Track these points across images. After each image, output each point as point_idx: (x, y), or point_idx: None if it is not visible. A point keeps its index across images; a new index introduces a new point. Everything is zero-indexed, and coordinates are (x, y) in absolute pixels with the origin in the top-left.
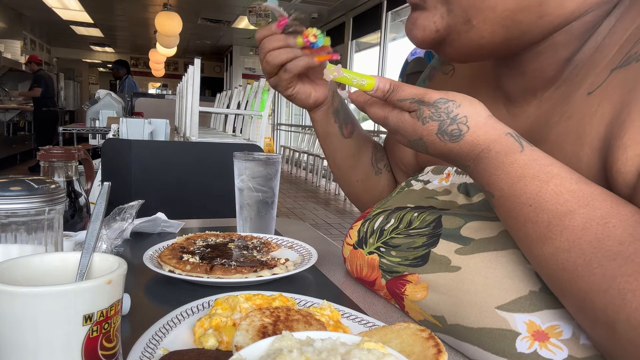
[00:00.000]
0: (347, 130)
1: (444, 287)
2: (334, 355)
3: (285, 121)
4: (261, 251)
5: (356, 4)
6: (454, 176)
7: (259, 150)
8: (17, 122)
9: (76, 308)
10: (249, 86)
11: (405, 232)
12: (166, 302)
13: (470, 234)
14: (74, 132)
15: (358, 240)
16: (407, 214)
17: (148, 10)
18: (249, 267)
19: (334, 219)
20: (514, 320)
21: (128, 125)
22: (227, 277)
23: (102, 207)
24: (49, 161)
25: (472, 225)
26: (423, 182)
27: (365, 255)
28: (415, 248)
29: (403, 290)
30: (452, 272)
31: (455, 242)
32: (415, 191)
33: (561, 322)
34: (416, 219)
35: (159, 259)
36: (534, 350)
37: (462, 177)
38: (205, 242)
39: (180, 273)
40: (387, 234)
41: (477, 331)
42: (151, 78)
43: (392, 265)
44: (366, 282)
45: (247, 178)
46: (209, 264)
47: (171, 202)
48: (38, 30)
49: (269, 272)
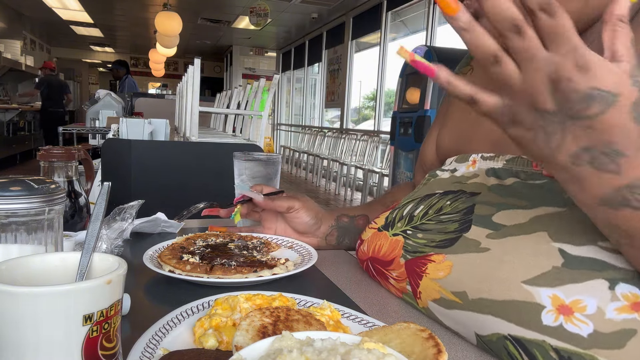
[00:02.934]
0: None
1: (471, 265)
2: (334, 355)
3: (285, 121)
4: (261, 251)
5: (356, 4)
6: (480, 162)
7: (259, 150)
8: (17, 122)
9: (76, 308)
10: (249, 86)
11: (435, 217)
12: (166, 302)
13: (501, 220)
14: (74, 132)
15: (384, 224)
16: (438, 201)
17: (148, 10)
18: (249, 267)
19: None
20: (539, 293)
21: (128, 125)
22: (227, 277)
23: (102, 207)
24: (49, 161)
25: (503, 214)
26: (450, 171)
27: (389, 236)
28: (447, 232)
29: (424, 269)
30: (482, 252)
31: (487, 227)
32: (443, 179)
33: (585, 297)
34: (448, 206)
35: (159, 259)
36: (559, 324)
37: (490, 162)
38: (205, 242)
39: (181, 273)
40: (417, 220)
41: (502, 303)
42: (151, 78)
43: (417, 246)
44: (381, 261)
45: (247, 178)
46: (209, 264)
47: (171, 202)
48: (38, 30)
49: (269, 272)
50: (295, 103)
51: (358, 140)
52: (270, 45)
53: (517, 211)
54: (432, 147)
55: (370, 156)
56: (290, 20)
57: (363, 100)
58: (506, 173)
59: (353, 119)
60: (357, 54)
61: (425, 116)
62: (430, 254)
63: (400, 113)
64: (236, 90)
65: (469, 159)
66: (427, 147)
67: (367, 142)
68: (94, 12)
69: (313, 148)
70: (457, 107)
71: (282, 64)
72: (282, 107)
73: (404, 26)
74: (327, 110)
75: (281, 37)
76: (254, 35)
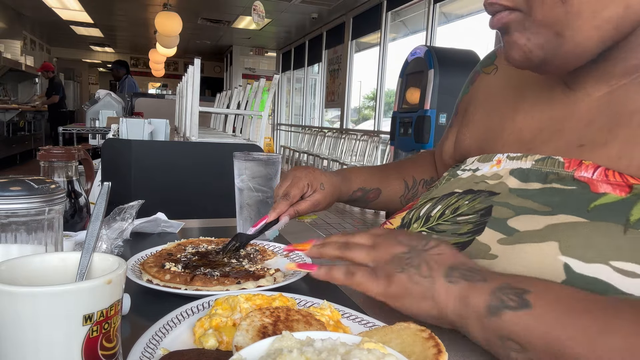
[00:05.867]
0: (371, 196)
1: None
2: (334, 355)
3: (285, 121)
4: (254, 259)
5: (356, 4)
6: (506, 162)
7: (259, 150)
8: (17, 122)
9: (76, 308)
10: (249, 86)
11: (452, 219)
12: (166, 302)
13: (516, 225)
14: (74, 132)
15: (401, 225)
16: (457, 201)
17: (148, 10)
18: (233, 277)
19: (334, 219)
20: None
21: (128, 125)
22: (205, 289)
23: (102, 207)
24: (49, 161)
25: (521, 218)
26: (472, 171)
27: None
28: (460, 234)
29: None
30: (489, 259)
31: (500, 231)
32: (463, 179)
33: None
34: (465, 205)
35: (140, 267)
36: None
37: (517, 163)
38: (195, 249)
39: (158, 283)
40: (433, 220)
41: None
42: (151, 78)
43: None
44: None
45: (247, 178)
46: (190, 273)
47: (171, 202)
48: (38, 30)
49: (253, 285)
50: (295, 103)
51: (358, 140)
52: (270, 45)
53: (535, 217)
54: (450, 145)
55: (370, 156)
56: (290, 20)
57: (363, 100)
58: (534, 174)
59: (353, 119)
60: (357, 54)
61: (425, 116)
62: None
63: (400, 113)
64: (236, 90)
65: (494, 159)
66: (445, 145)
67: (367, 142)
68: (94, 12)
69: (313, 148)
70: (479, 106)
71: (282, 64)
72: (282, 107)
73: (404, 26)
74: (327, 110)
75: (281, 37)
76: (254, 35)
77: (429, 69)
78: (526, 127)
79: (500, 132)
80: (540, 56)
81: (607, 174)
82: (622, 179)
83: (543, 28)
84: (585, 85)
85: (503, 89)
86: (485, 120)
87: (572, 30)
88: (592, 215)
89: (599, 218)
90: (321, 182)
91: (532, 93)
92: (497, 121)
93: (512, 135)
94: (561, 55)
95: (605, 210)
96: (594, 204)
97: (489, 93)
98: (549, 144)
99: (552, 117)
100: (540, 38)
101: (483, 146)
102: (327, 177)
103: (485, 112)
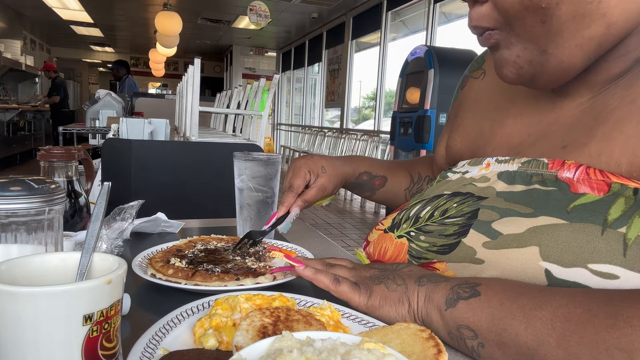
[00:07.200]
0: (377, 183)
1: (468, 276)
2: (334, 355)
3: (285, 121)
4: (260, 258)
5: (356, 3)
6: (494, 165)
7: (259, 150)
8: (17, 122)
9: (76, 308)
10: (249, 86)
11: (440, 220)
12: (166, 302)
13: (500, 228)
14: (74, 132)
15: (391, 226)
16: (445, 203)
17: (148, 10)
18: (233, 274)
19: (334, 219)
20: None
21: (128, 125)
22: (204, 285)
23: (102, 207)
24: (49, 161)
25: (504, 221)
26: (461, 173)
27: (394, 238)
28: (447, 235)
29: None
30: (476, 264)
31: (484, 234)
32: (452, 181)
33: None
34: (453, 208)
35: (148, 262)
36: None
37: (504, 166)
38: (204, 246)
39: (161, 277)
40: (422, 221)
41: None
42: (151, 78)
43: (421, 251)
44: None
45: (247, 178)
46: (193, 268)
47: (171, 202)
48: (38, 30)
49: (252, 282)
50: (295, 103)
51: (358, 140)
52: (270, 45)
53: (518, 219)
54: (442, 149)
55: (370, 156)
56: (290, 20)
57: (363, 100)
58: (520, 176)
59: (353, 118)
60: (357, 54)
61: (425, 116)
62: (434, 262)
63: (400, 113)
64: (236, 90)
65: (483, 162)
66: (438, 150)
67: (367, 142)
68: (94, 12)
69: (313, 148)
70: (468, 111)
71: (282, 64)
72: (282, 107)
73: (404, 26)
74: (327, 110)
75: (281, 37)
76: (254, 35)
77: (429, 68)
78: (515, 132)
79: (491, 136)
80: (530, 71)
81: (588, 172)
82: (602, 176)
83: (528, 44)
84: (571, 92)
85: (491, 94)
86: (475, 125)
87: (555, 48)
88: (572, 216)
89: (578, 219)
90: (322, 166)
91: (520, 98)
92: (487, 126)
93: (502, 139)
94: (548, 71)
95: (584, 210)
96: (573, 205)
97: (478, 98)
98: (535, 147)
99: (540, 121)
100: (528, 54)
101: (474, 150)
102: (327, 160)
103: (475, 117)
